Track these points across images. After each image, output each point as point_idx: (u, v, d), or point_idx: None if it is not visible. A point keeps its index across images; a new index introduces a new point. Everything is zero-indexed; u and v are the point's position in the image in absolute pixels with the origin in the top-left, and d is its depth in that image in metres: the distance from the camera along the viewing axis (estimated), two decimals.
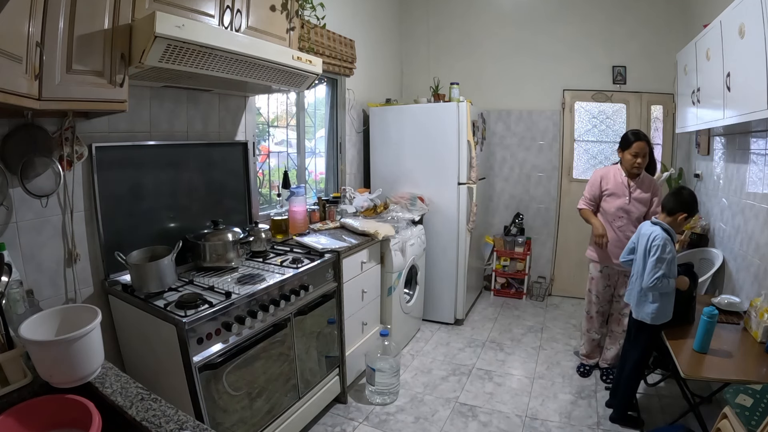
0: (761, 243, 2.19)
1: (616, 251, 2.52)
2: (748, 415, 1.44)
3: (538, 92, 4.02)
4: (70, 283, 1.67)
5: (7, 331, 1.07)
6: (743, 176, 2.46)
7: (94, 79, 1.36)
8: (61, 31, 1.24)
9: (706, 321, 1.83)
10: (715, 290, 2.65)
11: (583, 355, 2.82)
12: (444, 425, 2.28)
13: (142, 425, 0.91)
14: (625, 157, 2.51)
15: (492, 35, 4.10)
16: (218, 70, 1.63)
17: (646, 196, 2.51)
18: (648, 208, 2.53)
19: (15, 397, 1.00)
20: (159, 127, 1.96)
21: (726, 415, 1.51)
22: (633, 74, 3.74)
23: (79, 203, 1.68)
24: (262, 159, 2.81)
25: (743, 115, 1.94)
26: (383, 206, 3.23)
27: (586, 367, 2.79)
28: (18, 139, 1.46)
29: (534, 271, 4.22)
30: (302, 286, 2.01)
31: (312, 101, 3.25)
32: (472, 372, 2.81)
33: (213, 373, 1.56)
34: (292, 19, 2.09)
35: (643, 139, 2.45)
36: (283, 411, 1.96)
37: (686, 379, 1.83)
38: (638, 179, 2.53)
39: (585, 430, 2.23)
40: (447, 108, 3.24)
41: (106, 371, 1.11)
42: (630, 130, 2.55)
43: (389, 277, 2.79)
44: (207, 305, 1.55)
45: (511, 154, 4.21)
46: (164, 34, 1.34)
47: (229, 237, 1.99)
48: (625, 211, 2.54)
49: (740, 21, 1.92)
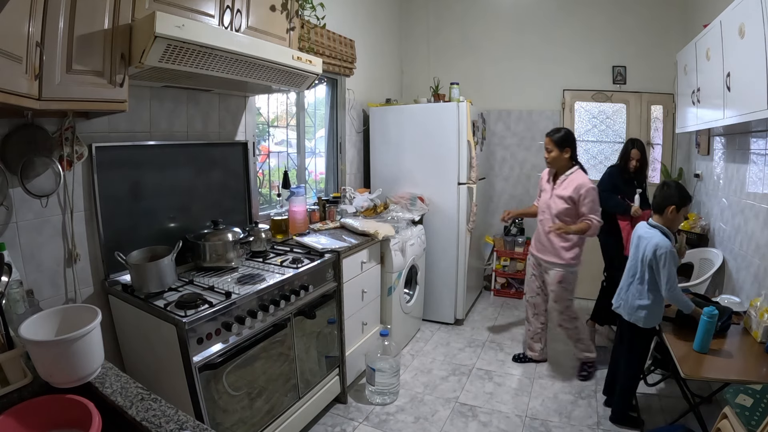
0: (761, 243, 2.19)
1: (536, 243, 2.77)
2: (748, 415, 1.44)
3: (538, 92, 4.02)
4: (70, 283, 1.67)
5: (7, 331, 1.07)
6: (743, 176, 2.46)
7: (94, 79, 1.36)
8: (61, 31, 1.24)
9: (706, 321, 1.83)
10: (715, 290, 2.65)
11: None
12: (444, 425, 2.28)
13: (142, 425, 0.91)
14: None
15: (492, 35, 4.10)
16: (218, 70, 1.63)
17: (567, 195, 2.54)
18: (570, 208, 2.55)
19: (15, 397, 1.00)
20: (159, 127, 1.96)
21: (726, 415, 1.51)
22: (633, 74, 3.74)
23: (79, 203, 1.68)
24: (262, 159, 2.81)
25: (743, 115, 1.95)
26: (383, 206, 3.23)
27: (520, 356, 2.97)
28: (18, 139, 1.46)
29: None
30: (302, 286, 2.01)
31: (312, 101, 3.25)
32: (472, 372, 2.81)
33: (213, 373, 1.56)
34: (292, 19, 2.09)
35: (548, 136, 2.62)
36: (283, 411, 1.96)
37: (686, 379, 1.83)
38: (563, 179, 2.59)
39: (585, 430, 2.23)
40: (447, 108, 3.24)
41: (106, 371, 1.11)
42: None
43: (389, 277, 2.79)
44: (207, 305, 1.55)
45: (511, 154, 4.21)
46: (164, 34, 1.34)
47: (229, 237, 1.99)
48: (547, 206, 2.67)
49: (740, 21, 1.92)
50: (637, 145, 2.99)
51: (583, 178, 2.55)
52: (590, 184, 2.53)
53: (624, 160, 3.02)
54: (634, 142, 3.01)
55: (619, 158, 3.09)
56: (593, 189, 2.52)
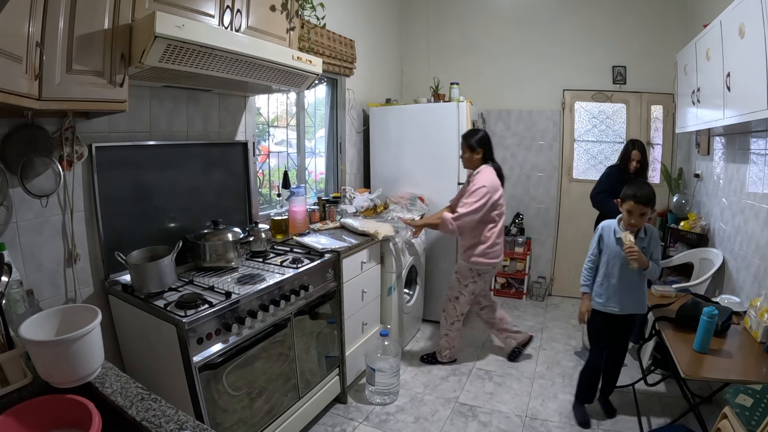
0: (761, 243, 2.19)
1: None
2: (748, 415, 1.44)
3: (538, 92, 4.02)
4: (70, 283, 1.67)
5: (7, 331, 1.07)
6: (743, 176, 2.46)
7: (94, 79, 1.36)
8: (61, 31, 1.24)
9: (705, 321, 1.83)
10: (715, 290, 2.65)
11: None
12: (444, 425, 2.28)
13: (142, 425, 0.91)
14: None
15: (492, 35, 4.10)
16: (218, 70, 1.63)
17: (463, 189, 2.69)
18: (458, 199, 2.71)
19: (15, 397, 1.00)
20: (159, 127, 1.96)
21: (726, 415, 1.51)
22: (633, 74, 3.74)
23: (79, 203, 1.68)
24: (262, 159, 2.81)
25: (743, 115, 1.94)
26: (383, 206, 3.23)
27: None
28: (18, 139, 1.46)
29: (534, 271, 4.22)
30: (302, 286, 2.01)
31: (312, 101, 3.25)
32: (472, 372, 2.81)
33: (213, 373, 1.56)
34: (292, 19, 2.09)
35: (462, 137, 2.73)
36: (283, 411, 1.96)
37: (686, 379, 1.83)
38: (471, 177, 2.68)
39: (585, 430, 2.22)
40: (447, 108, 3.24)
41: (106, 371, 1.11)
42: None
43: (389, 277, 2.79)
44: (207, 305, 1.55)
45: (511, 154, 4.21)
46: (164, 34, 1.34)
47: (229, 237, 1.99)
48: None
49: (740, 21, 1.92)
50: (638, 146, 2.98)
51: (482, 177, 2.59)
52: (485, 183, 2.56)
53: (624, 160, 3.01)
54: (635, 143, 3.00)
55: (619, 158, 3.08)
56: (483, 188, 2.54)
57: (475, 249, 2.63)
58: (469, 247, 2.66)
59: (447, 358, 2.87)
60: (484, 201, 2.53)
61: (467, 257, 2.67)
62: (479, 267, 2.66)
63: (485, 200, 2.53)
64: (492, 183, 2.58)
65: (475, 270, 2.67)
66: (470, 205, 2.53)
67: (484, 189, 2.53)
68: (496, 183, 2.61)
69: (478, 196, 2.53)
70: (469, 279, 2.70)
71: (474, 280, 2.69)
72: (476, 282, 2.70)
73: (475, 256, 2.63)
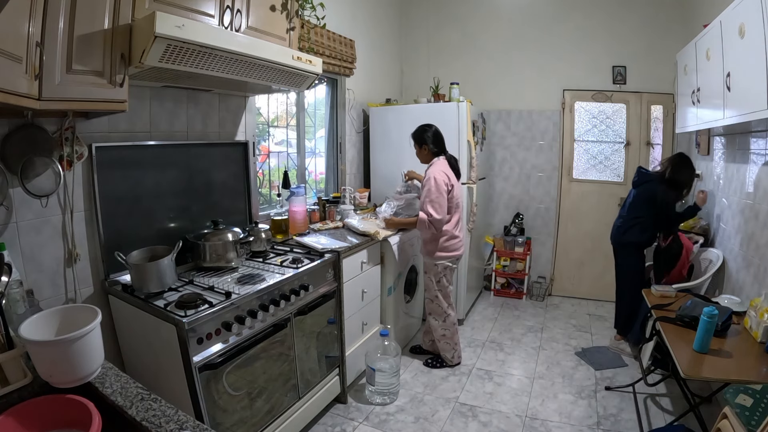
0: (761, 243, 2.19)
1: None
2: (748, 415, 1.44)
3: (538, 92, 4.02)
4: (70, 283, 1.67)
5: (7, 331, 1.07)
6: (743, 176, 2.46)
7: (94, 79, 1.36)
8: (61, 31, 1.24)
9: (705, 321, 1.83)
10: (715, 290, 2.65)
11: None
12: (444, 425, 2.28)
13: (142, 425, 0.91)
14: None
15: (492, 35, 4.10)
16: (218, 70, 1.63)
17: (422, 185, 2.70)
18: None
19: (15, 397, 1.00)
20: (159, 127, 1.96)
21: (726, 415, 1.51)
22: (633, 74, 3.74)
23: (79, 203, 1.68)
24: (262, 159, 2.81)
25: (743, 115, 1.94)
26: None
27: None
28: (18, 139, 1.46)
29: (534, 271, 4.22)
30: (302, 286, 2.01)
31: (312, 101, 3.25)
32: (472, 372, 2.81)
33: (213, 373, 1.56)
34: (292, 19, 2.09)
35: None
36: (283, 411, 1.96)
37: (686, 379, 1.83)
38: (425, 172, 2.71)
39: (585, 430, 2.22)
40: (447, 108, 3.23)
41: (106, 371, 1.11)
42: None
43: (389, 277, 2.79)
44: (207, 305, 1.55)
45: (511, 154, 4.21)
46: (164, 34, 1.34)
47: (229, 237, 1.99)
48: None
49: (740, 21, 1.92)
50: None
51: (433, 169, 2.62)
52: (436, 174, 2.57)
53: (686, 189, 2.83)
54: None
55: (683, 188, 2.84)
56: (433, 180, 2.56)
57: (436, 244, 2.68)
58: (428, 243, 2.71)
59: (455, 360, 2.86)
60: (443, 189, 2.57)
61: (430, 255, 2.71)
62: (443, 261, 2.71)
63: (443, 189, 2.57)
64: (442, 171, 2.61)
65: (440, 265, 2.72)
66: (436, 204, 2.55)
67: (434, 180, 2.57)
68: (446, 171, 2.64)
69: (436, 190, 2.56)
70: (441, 275, 2.74)
71: (444, 274, 2.75)
72: (446, 275, 2.76)
73: (437, 251, 2.69)
